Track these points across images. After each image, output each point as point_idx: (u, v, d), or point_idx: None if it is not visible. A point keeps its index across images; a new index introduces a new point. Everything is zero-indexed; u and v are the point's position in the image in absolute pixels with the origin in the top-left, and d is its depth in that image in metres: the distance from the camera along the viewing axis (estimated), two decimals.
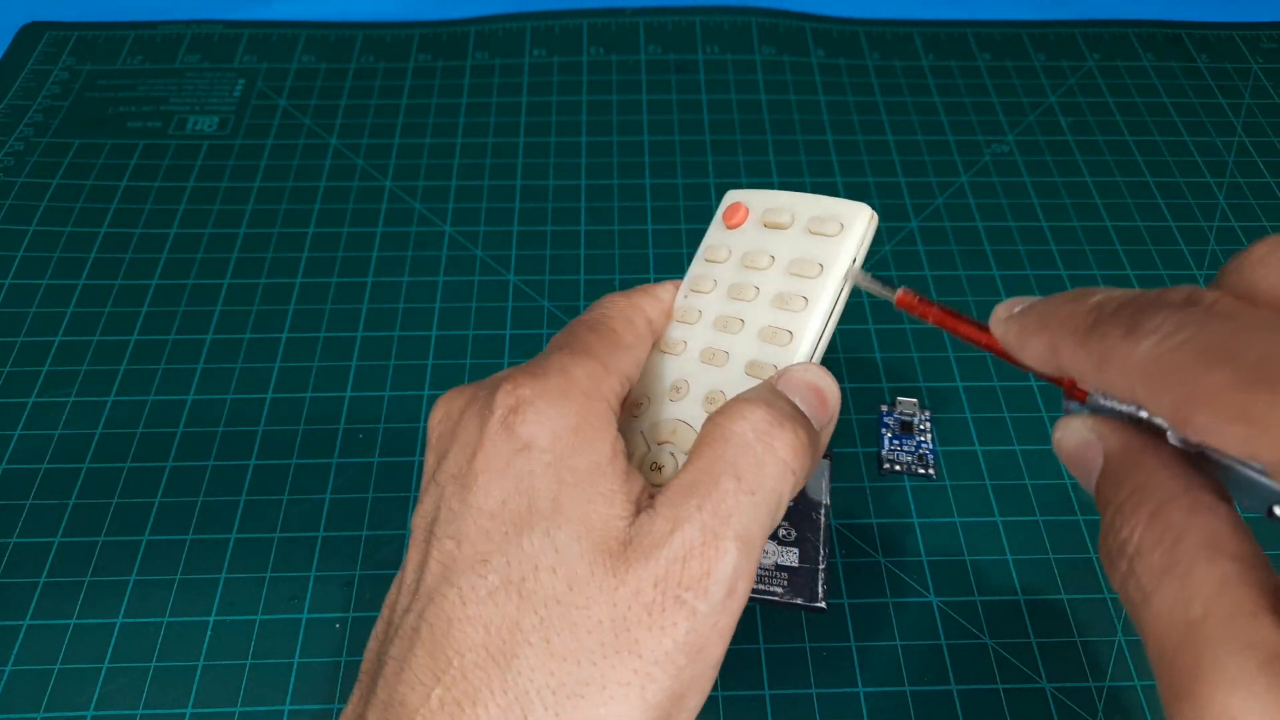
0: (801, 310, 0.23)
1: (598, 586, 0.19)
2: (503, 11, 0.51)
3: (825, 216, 0.24)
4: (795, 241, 0.24)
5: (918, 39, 0.50)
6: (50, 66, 0.47)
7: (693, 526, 0.19)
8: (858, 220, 0.24)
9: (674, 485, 0.20)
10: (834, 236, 0.24)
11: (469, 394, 0.22)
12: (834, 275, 0.23)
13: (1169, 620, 0.15)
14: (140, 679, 0.28)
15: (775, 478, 0.20)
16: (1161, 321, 0.15)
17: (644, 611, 0.19)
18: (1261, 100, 0.47)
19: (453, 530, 0.20)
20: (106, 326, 0.37)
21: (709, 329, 0.25)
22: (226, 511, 0.32)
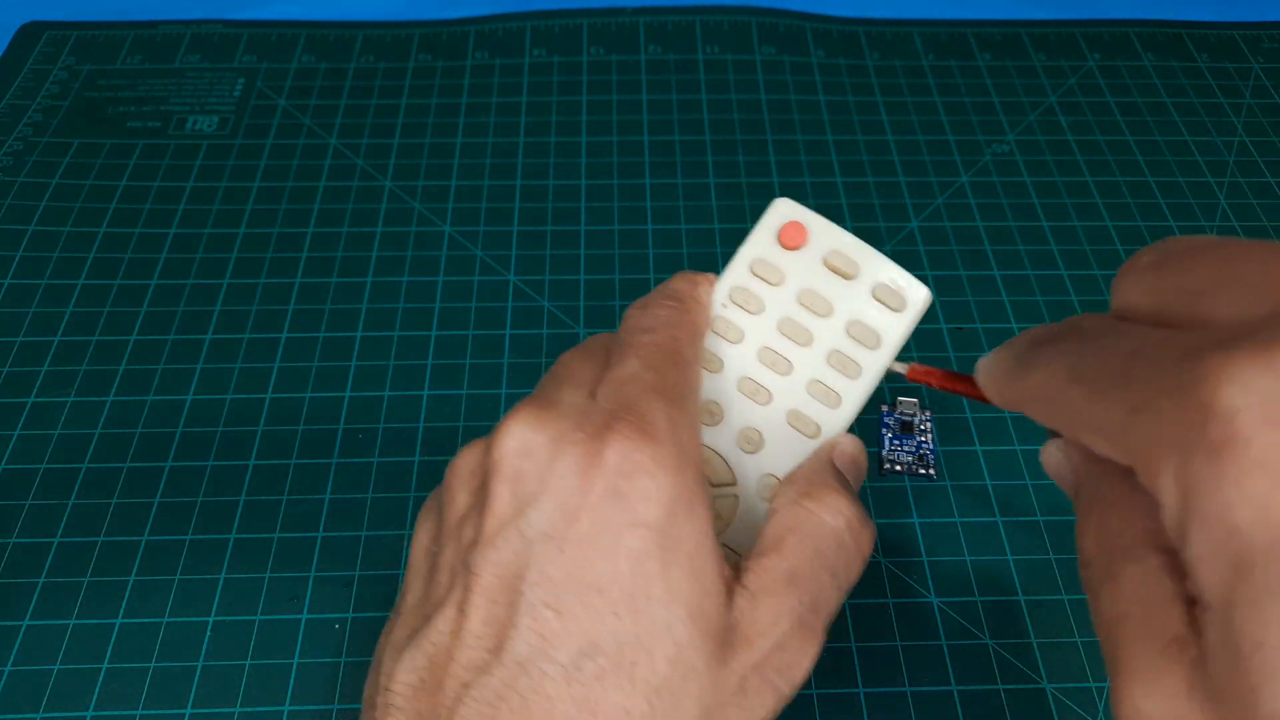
0: (856, 378, 0.24)
1: (711, 678, 0.19)
2: (503, 11, 0.51)
3: (892, 287, 0.24)
4: (858, 301, 0.24)
5: (918, 39, 0.50)
6: (49, 66, 0.47)
7: (794, 619, 0.20)
8: (919, 301, 0.24)
9: (774, 571, 0.20)
10: (898, 312, 0.24)
11: (555, 430, 0.20)
12: (888, 351, 0.24)
13: (1104, 621, 0.16)
14: (140, 679, 0.28)
15: (858, 571, 0.22)
16: (1046, 353, 0.17)
17: (739, 693, 0.19)
18: (1262, 100, 0.47)
19: (552, 599, 0.18)
20: (106, 326, 0.37)
21: (753, 359, 0.24)
22: (226, 512, 0.31)
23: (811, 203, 0.42)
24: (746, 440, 0.24)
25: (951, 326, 0.37)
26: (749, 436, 0.24)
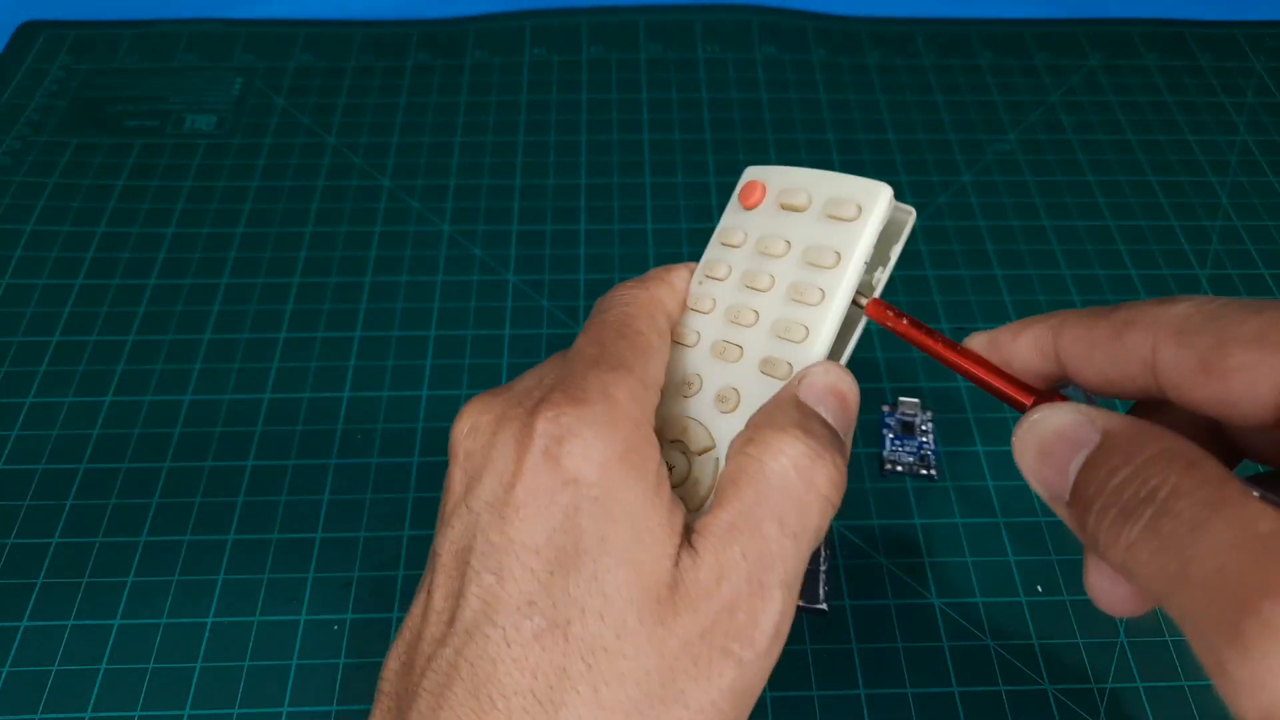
0: (818, 304, 0.22)
1: (645, 636, 0.18)
2: (502, 10, 0.51)
3: (842, 198, 0.22)
4: (812, 226, 0.23)
5: (919, 37, 0.50)
6: (47, 65, 0.47)
7: (739, 576, 0.19)
8: (876, 202, 0.22)
9: (714, 526, 0.19)
10: (851, 221, 0.22)
11: (499, 409, 0.20)
12: (852, 265, 0.22)
13: (1231, 545, 0.14)
14: (138, 680, 0.28)
15: (818, 516, 0.20)
16: (1193, 297, 0.17)
17: (691, 663, 0.18)
18: (1264, 99, 0.47)
19: (493, 564, 0.19)
20: (104, 326, 0.36)
21: (721, 320, 0.23)
22: (224, 513, 0.31)
23: None
24: (723, 400, 0.23)
25: (953, 326, 0.37)
26: (725, 396, 0.23)
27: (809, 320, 0.22)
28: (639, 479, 0.19)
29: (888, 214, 0.22)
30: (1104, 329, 0.19)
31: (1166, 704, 0.28)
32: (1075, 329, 0.19)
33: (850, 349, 0.24)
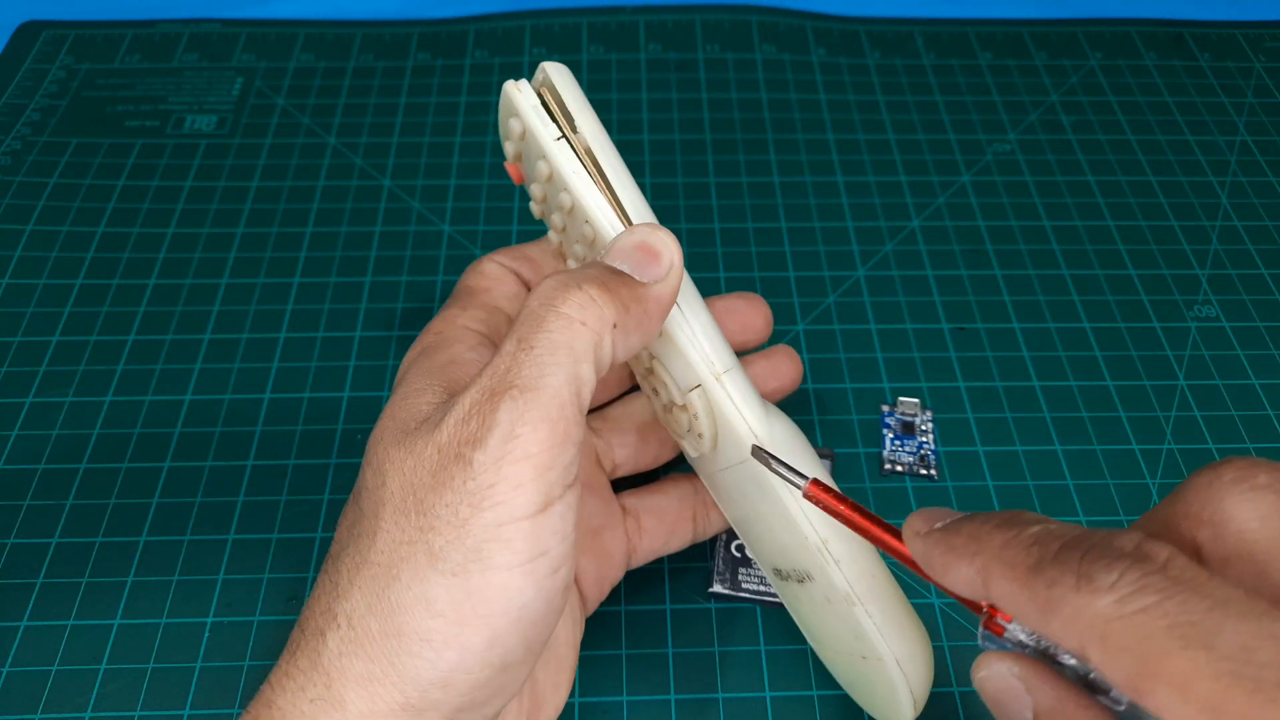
0: (570, 205, 0.24)
1: (391, 464, 0.20)
2: (502, 10, 0.51)
3: (505, 121, 0.24)
4: (529, 158, 0.25)
5: (919, 38, 0.50)
6: (48, 65, 0.47)
7: (474, 390, 0.20)
8: (514, 101, 0.24)
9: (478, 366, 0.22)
10: (526, 133, 0.24)
11: None
12: (557, 155, 0.23)
13: None
14: (138, 680, 0.28)
15: (558, 330, 0.20)
16: (1119, 577, 0.14)
17: (429, 475, 0.19)
18: (1264, 99, 0.47)
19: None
20: (104, 326, 0.36)
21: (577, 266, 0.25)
22: (224, 512, 0.31)
23: (813, 202, 0.42)
24: None
25: (953, 326, 0.37)
26: None
27: (588, 217, 0.23)
28: (426, 366, 0.24)
29: (530, 96, 0.24)
30: (1027, 604, 0.15)
31: None
32: (999, 586, 0.16)
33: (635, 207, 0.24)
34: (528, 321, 0.20)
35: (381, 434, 0.21)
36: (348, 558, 0.20)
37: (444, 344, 0.25)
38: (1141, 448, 0.34)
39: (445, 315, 0.26)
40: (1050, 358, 0.36)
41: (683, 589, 0.30)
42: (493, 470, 0.19)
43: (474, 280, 0.27)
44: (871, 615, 0.23)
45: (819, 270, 0.39)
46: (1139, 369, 0.36)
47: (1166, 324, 0.37)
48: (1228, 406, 0.35)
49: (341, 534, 0.22)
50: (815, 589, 0.24)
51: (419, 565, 0.19)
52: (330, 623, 0.19)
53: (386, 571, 0.19)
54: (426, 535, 0.19)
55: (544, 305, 0.20)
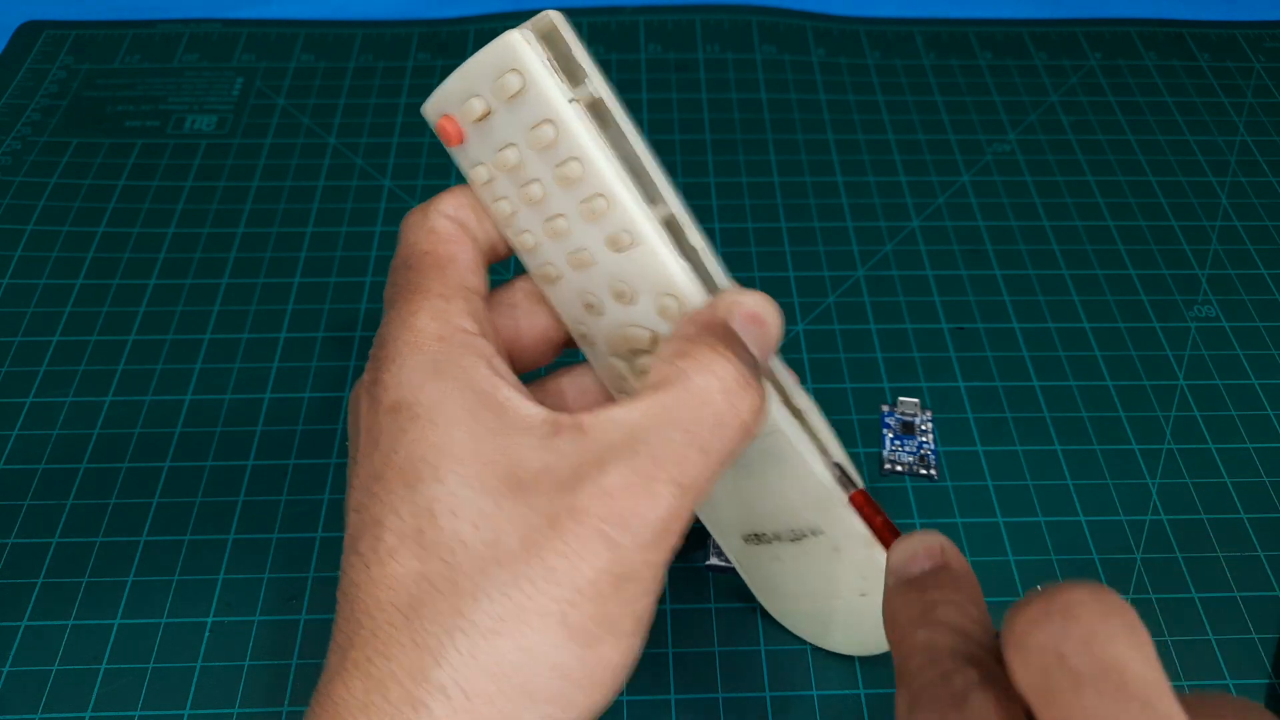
0: (580, 175, 0.21)
1: (505, 516, 0.18)
2: (501, 10, 0.51)
3: (496, 75, 0.21)
4: (512, 120, 0.21)
5: (919, 38, 0.50)
6: (48, 65, 0.47)
7: (625, 466, 0.18)
8: (521, 53, 0.20)
9: (615, 418, 0.19)
10: (526, 91, 0.21)
11: (355, 387, 0.23)
12: (570, 121, 0.20)
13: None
14: (138, 680, 0.28)
15: (733, 440, 0.19)
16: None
17: (558, 538, 0.18)
18: (1264, 99, 0.47)
19: (354, 504, 0.20)
20: (104, 326, 0.36)
21: (552, 243, 0.23)
22: (224, 512, 0.31)
23: (812, 202, 0.42)
24: (619, 296, 0.22)
25: (952, 326, 0.37)
26: (620, 291, 0.22)
27: (597, 188, 0.21)
28: (464, 388, 0.20)
29: (540, 51, 0.21)
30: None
31: None
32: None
33: (662, 189, 0.22)
34: (707, 416, 0.19)
35: (480, 483, 0.19)
36: (433, 614, 0.18)
37: (464, 360, 0.21)
38: (1141, 448, 0.34)
39: (429, 306, 0.21)
40: (1050, 358, 0.36)
41: (683, 590, 0.30)
42: (641, 560, 0.18)
43: (429, 242, 0.23)
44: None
45: (819, 270, 0.39)
46: (1139, 369, 0.36)
47: (1166, 324, 0.37)
48: (1227, 406, 0.35)
49: (398, 578, 0.18)
50: (820, 542, 0.25)
51: (555, 637, 0.18)
52: (433, 692, 0.17)
53: (510, 641, 0.18)
54: (564, 609, 0.18)
55: (729, 406, 0.19)
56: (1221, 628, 0.29)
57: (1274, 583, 0.30)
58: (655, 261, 0.21)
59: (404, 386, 0.20)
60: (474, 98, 0.22)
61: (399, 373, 0.20)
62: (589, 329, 0.24)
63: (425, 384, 0.20)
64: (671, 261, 0.22)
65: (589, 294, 0.23)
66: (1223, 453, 0.34)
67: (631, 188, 0.21)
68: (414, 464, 0.19)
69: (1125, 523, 0.32)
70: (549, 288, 0.24)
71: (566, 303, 0.24)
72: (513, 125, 0.22)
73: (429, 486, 0.19)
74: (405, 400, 0.20)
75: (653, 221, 0.21)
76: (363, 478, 0.20)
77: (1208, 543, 0.31)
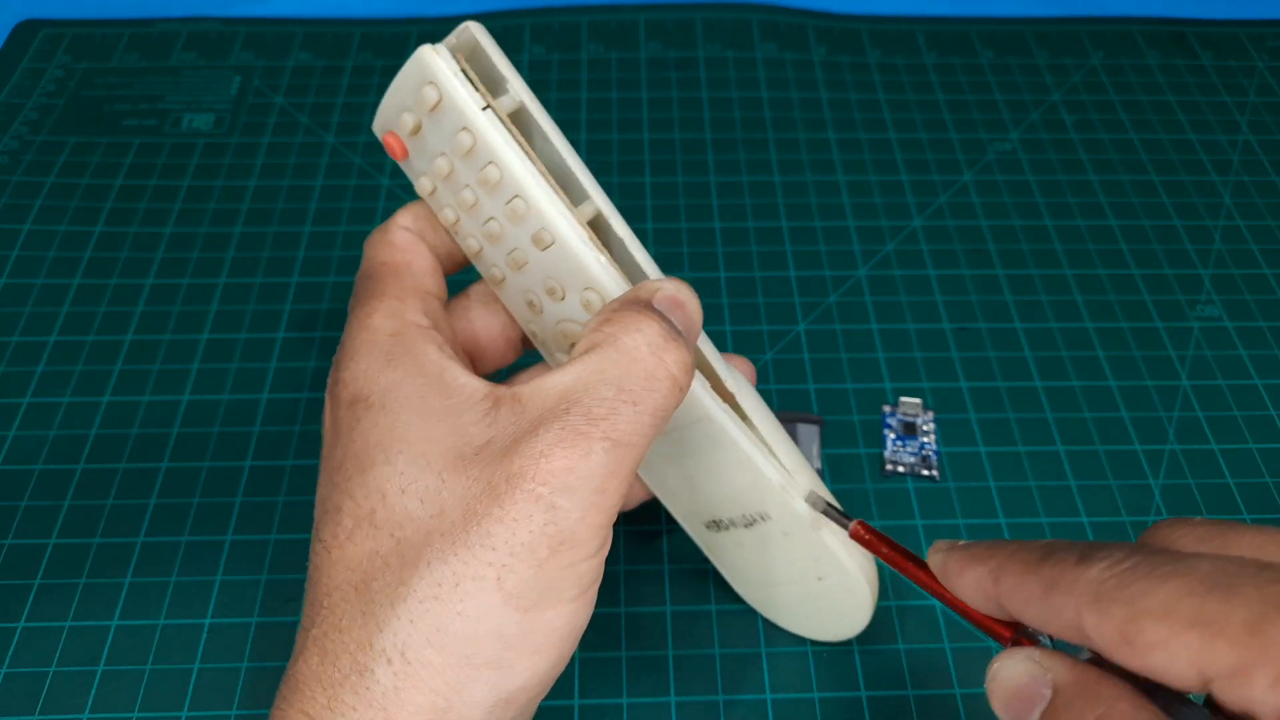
0: (498, 178, 0.22)
1: (449, 490, 0.19)
2: (501, 8, 0.50)
3: (416, 89, 0.22)
4: (437, 130, 0.23)
5: (920, 36, 0.49)
6: (45, 64, 0.47)
7: (558, 425, 0.19)
8: (434, 67, 0.21)
9: (547, 384, 0.20)
10: (443, 102, 0.22)
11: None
12: (483, 128, 0.22)
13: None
14: (136, 682, 0.28)
15: (663, 393, 0.20)
16: (1112, 551, 0.16)
17: (495, 504, 0.18)
18: (1267, 98, 0.46)
19: (319, 496, 0.21)
20: (101, 326, 0.36)
21: (491, 246, 0.24)
22: (222, 513, 0.31)
23: (813, 201, 0.41)
24: (550, 293, 0.24)
25: (955, 326, 0.37)
26: (551, 288, 0.24)
27: (513, 189, 0.22)
28: (414, 374, 0.21)
29: (451, 63, 0.22)
30: (1033, 586, 0.17)
31: None
32: (1009, 579, 0.17)
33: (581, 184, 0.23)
34: (636, 370, 0.19)
35: (427, 460, 0.20)
36: (381, 586, 0.19)
37: (415, 348, 0.22)
38: (1144, 448, 0.33)
39: (384, 307, 0.23)
40: (1052, 358, 0.36)
41: (682, 592, 0.30)
42: (578, 519, 0.19)
43: (386, 254, 0.24)
44: (836, 533, 0.24)
45: (820, 270, 0.39)
46: (1141, 369, 0.36)
47: (1169, 324, 0.37)
48: (1230, 407, 0.35)
49: (354, 557, 0.20)
50: (771, 526, 0.25)
51: (490, 601, 0.18)
52: (376, 658, 0.18)
53: (447, 606, 0.18)
54: (499, 573, 0.18)
55: (656, 359, 0.20)
56: None
57: None
58: (574, 257, 0.22)
59: (360, 380, 0.21)
60: (405, 112, 0.23)
61: (355, 368, 0.22)
62: (536, 326, 0.25)
63: (379, 375, 0.21)
64: (589, 257, 0.22)
65: (529, 293, 0.24)
66: (1226, 453, 0.33)
67: (546, 187, 0.22)
68: (368, 450, 0.20)
69: (1128, 523, 0.32)
70: (498, 289, 0.26)
71: (514, 303, 0.25)
72: (439, 135, 0.23)
73: (380, 469, 0.20)
74: (361, 392, 0.21)
75: (568, 219, 0.22)
76: (327, 471, 0.21)
77: None
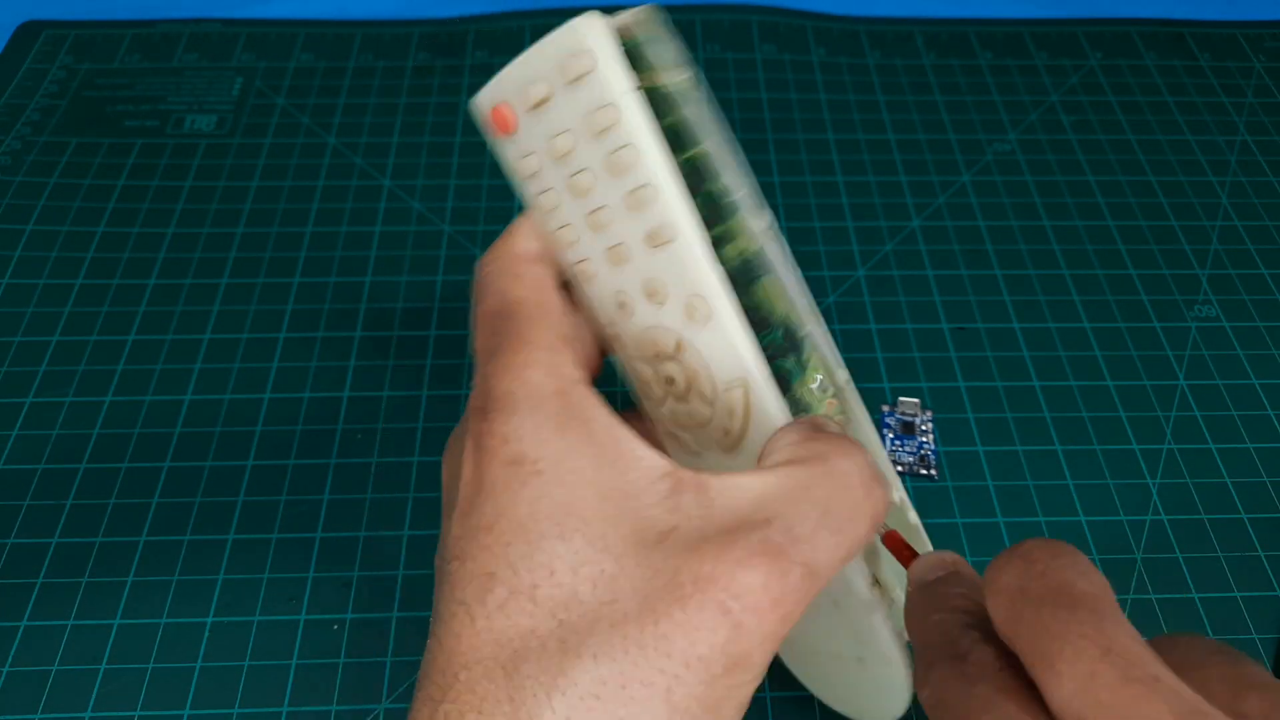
0: (631, 162, 0.21)
1: (625, 577, 0.17)
2: (502, 10, 0.51)
3: (567, 58, 0.20)
4: (571, 104, 0.21)
5: (919, 37, 0.50)
6: (47, 65, 0.47)
7: (757, 537, 0.17)
8: (594, 36, 0.20)
9: (743, 485, 0.18)
10: (593, 74, 0.20)
11: (455, 433, 0.22)
12: (631, 107, 0.20)
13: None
14: (138, 680, 0.28)
15: (862, 528, 0.19)
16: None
17: (678, 607, 0.17)
18: (1264, 99, 0.47)
19: (456, 552, 0.19)
20: (104, 326, 0.36)
21: (592, 236, 0.22)
22: (224, 512, 0.31)
23: (813, 202, 0.42)
24: (651, 295, 0.22)
25: (953, 326, 0.37)
26: (652, 290, 0.22)
27: (641, 178, 0.21)
28: (586, 442, 0.19)
29: (614, 36, 0.20)
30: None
31: None
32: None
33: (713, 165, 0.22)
34: (844, 499, 0.18)
35: (603, 542, 0.18)
36: (533, 670, 0.17)
37: (582, 414, 0.20)
38: (1142, 448, 0.34)
39: (541, 360, 0.20)
40: (1050, 358, 0.36)
41: None
42: (758, 643, 0.17)
43: (519, 289, 0.22)
44: (891, 619, 0.22)
45: (819, 270, 0.39)
46: (1139, 369, 0.36)
47: (1167, 324, 0.37)
48: (1228, 406, 0.35)
49: (505, 632, 0.18)
50: (821, 595, 0.24)
51: (654, 710, 0.17)
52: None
53: (608, 709, 0.16)
54: (670, 682, 0.17)
55: (865, 492, 0.19)
56: (1221, 628, 0.29)
57: (1274, 583, 0.30)
58: (689, 259, 0.21)
59: (525, 440, 0.19)
60: (537, 81, 0.21)
61: (519, 426, 0.19)
62: (620, 329, 0.23)
63: (548, 439, 0.19)
64: (704, 261, 0.21)
65: (623, 293, 0.23)
66: (1223, 453, 0.34)
67: (680, 182, 0.21)
68: (536, 520, 0.18)
69: (1126, 523, 0.32)
70: (586, 286, 0.24)
71: (600, 302, 0.24)
72: (572, 110, 0.21)
73: (552, 543, 0.18)
74: (527, 455, 0.19)
75: (694, 218, 0.21)
76: (469, 528, 0.19)
77: (1208, 543, 0.31)
